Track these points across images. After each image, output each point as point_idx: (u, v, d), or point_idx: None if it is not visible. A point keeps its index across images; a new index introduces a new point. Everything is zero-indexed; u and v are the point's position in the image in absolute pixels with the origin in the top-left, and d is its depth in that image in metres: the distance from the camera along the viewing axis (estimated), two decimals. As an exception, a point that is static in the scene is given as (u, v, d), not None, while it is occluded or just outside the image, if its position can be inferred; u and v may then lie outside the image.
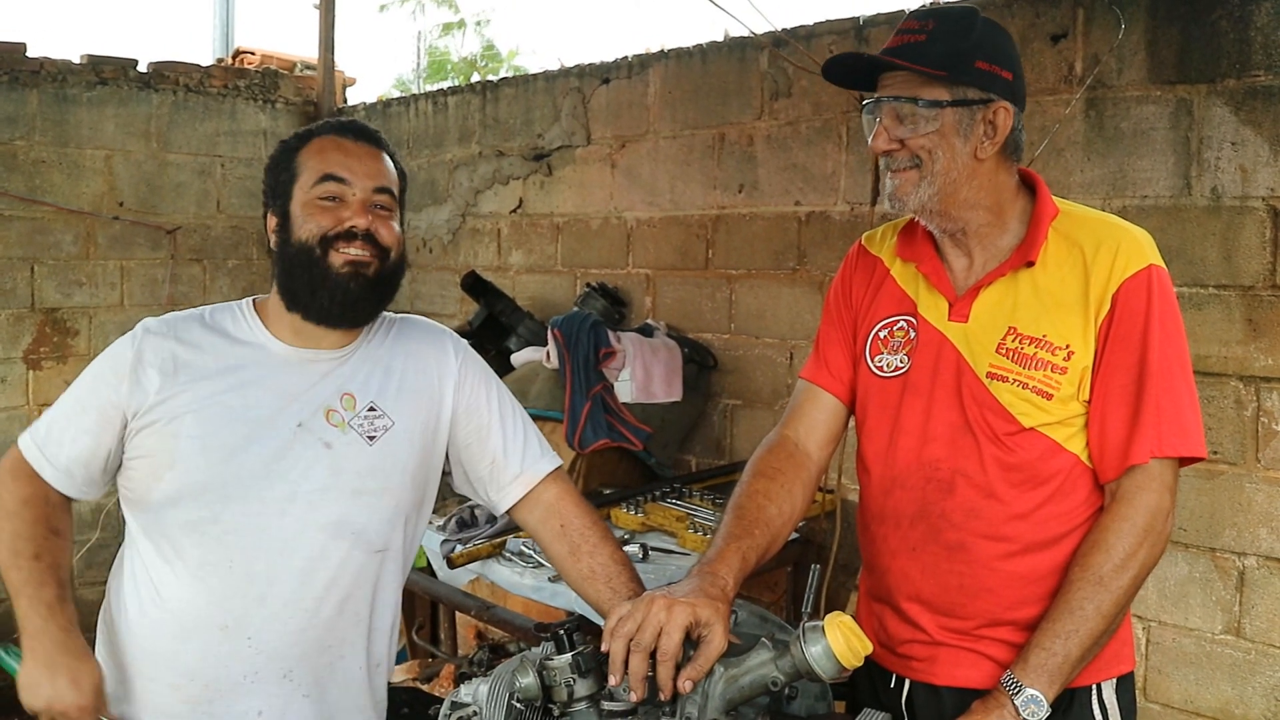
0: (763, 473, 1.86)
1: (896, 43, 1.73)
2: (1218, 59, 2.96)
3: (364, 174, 1.80)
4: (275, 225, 1.82)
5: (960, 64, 1.68)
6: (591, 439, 3.81)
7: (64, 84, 5.33)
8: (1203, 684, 3.05)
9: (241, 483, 1.73)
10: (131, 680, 1.79)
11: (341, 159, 1.80)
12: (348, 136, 1.83)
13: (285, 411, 1.78)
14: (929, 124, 1.69)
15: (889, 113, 1.72)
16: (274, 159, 1.85)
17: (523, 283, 5.15)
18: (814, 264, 3.96)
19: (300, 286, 1.79)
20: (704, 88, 4.33)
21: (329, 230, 1.76)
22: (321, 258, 1.76)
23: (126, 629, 1.80)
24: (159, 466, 1.74)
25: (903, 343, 1.84)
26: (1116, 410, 1.66)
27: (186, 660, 1.74)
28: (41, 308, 5.32)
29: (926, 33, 1.70)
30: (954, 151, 1.71)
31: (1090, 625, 1.60)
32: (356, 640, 1.86)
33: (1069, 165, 3.26)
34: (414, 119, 5.74)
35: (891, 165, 1.75)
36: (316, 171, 1.79)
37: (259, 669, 1.76)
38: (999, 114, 1.71)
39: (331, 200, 1.78)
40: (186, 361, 1.78)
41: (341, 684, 1.85)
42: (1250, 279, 2.92)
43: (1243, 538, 2.97)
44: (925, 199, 1.73)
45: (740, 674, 1.48)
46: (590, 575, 1.86)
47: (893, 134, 1.72)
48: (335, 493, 1.78)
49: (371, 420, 1.83)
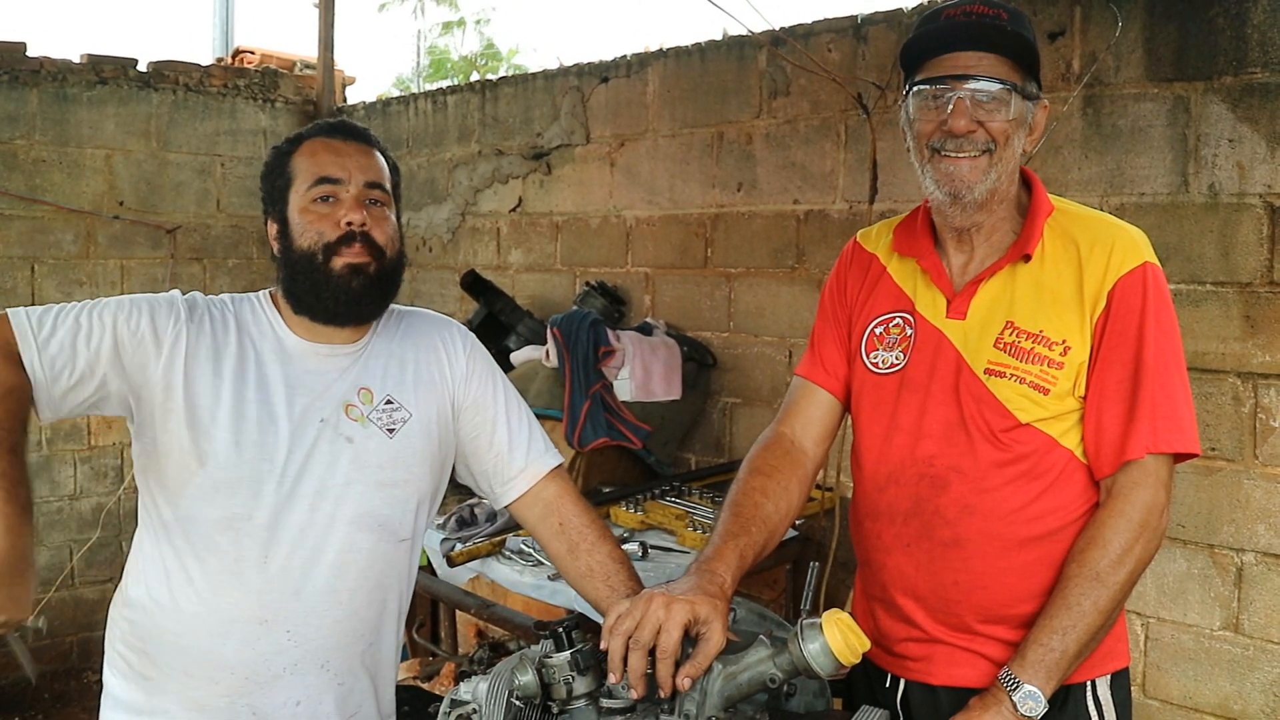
0: (759, 470, 1.86)
1: (973, 20, 1.68)
2: (1215, 56, 2.97)
3: (355, 169, 1.82)
4: (276, 232, 1.85)
5: (1034, 56, 1.70)
6: (591, 437, 3.81)
7: (64, 83, 5.33)
8: (1201, 680, 3.06)
9: (274, 480, 1.75)
10: (167, 674, 1.78)
11: (333, 159, 1.82)
12: (337, 136, 1.86)
13: (311, 409, 1.80)
14: (1010, 110, 1.69)
15: (968, 93, 1.69)
16: (269, 165, 1.87)
17: (522, 281, 5.16)
18: (812, 262, 3.97)
19: (304, 291, 1.81)
20: (703, 86, 4.34)
21: (330, 238, 1.78)
22: (324, 264, 1.78)
23: (157, 623, 1.78)
24: (191, 462, 1.74)
25: (899, 339, 1.84)
26: (1112, 406, 1.67)
27: (226, 655, 1.75)
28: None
29: (1005, 16, 1.68)
30: (1017, 143, 1.72)
31: (1087, 621, 1.60)
32: (386, 626, 1.91)
33: (1067, 162, 3.26)
34: (413, 118, 5.74)
35: (961, 148, 1.70)
36: (310, 175, 1.81)
37: (297, 660, 1.78)
38: (1041, 113, 1.74)
39: (327, 200, 1.80)
40: (216, 345, 1.80)
41: (373, 670, 1.90)
42: (1248, 275, 2.93)
43: (1241, 534, 2.97)
44: (993, 184, 1.71)
45: (739, 671, 1.48)
46: (589, 573, 1.88)
47: (974, 115, 1.69)
48: (360, 486, 1.81)
49: (390, 413, 1.86)
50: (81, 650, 5.57)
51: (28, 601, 1.59)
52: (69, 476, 5.42)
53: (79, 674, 5.52)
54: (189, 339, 1.77)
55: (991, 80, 1.67)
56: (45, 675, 5.44)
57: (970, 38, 1.68)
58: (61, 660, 5.51)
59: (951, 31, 1.70)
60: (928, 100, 1.72)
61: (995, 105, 1.68)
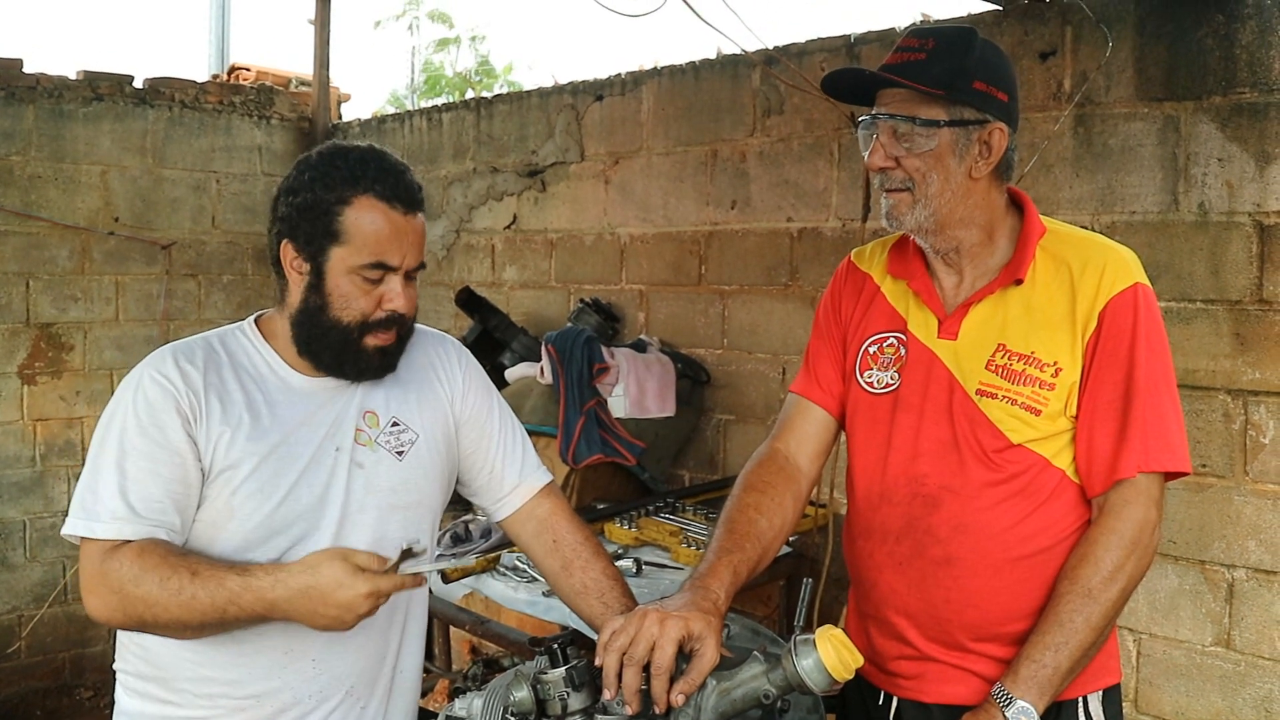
0: (754, 486, 1.87)
1: (896, 60, 1.74)
2: (1204, 76, 2.99)
3: (410, 249, 1.74)
4: (304, 271, 1.74)
5: (959, 84, 1.70)
6: (585, 454, 3.82)
7: (60, 100, 5.34)
8: (1193, 695, 3.07)
9: (300, 519, 1.73)
10: (190, 700, 1.74)
11: (392, 239, 1.71)
12: (398, 207, 1.72)
13: (326, 441, 1.77)
14: (926, 142, 1.71)
15: (886, 130, 1.73)
16: (310, 203, 1.71)
17: (517, 298, 5.17)
18: (806, 279, 3.99)
19: (322, 350, 1.76)
20: (697, 105, 4.36)
21: (371, 319, 1.73)
22: (357, 340, 1.74)
23: (174, 652, 1.73)
24: (219, 518, 1.70)
25: (893, 359, 1.85)
26: (1104, 426, 1.68)
27: (251, 684, 1.73)
28: (36, 323, 5.32)
29: (926, 51, 1.71)
30: (948, 172, 1.72)
31: (1080, 637, 1.61)
32: (406, 648, 1.91)
33: (1058, 181, 3.28)
34: (409, 135, 5.76)
35: (886, 184, 1.76)
36: (367, 253, 1.70)
37: (322, 687, 1.77)
38: (994, 135, 1.73)
39: (376, 282, 1.73)
40: (224, 401, 1.72)
41: (396, 693, 1.90)
42: (1237, 293, 2.95)
43: (1232, 550, 2.98)
44: (921, 219, 1.75)
45: (733, 687, 1.49)
46: (583, 590, 1.88)
47: (889, 151, 1.73)
48: (375, 511, 1.80)
49: (397, 435, 1.84)
50: (74, 667, 5.55)
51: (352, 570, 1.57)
52: (62, 492, 5.40)
53: (71, 691, 5.50)
54: (200, 413, 1.69)
55: (896, 117, 1.72)
56: (38, 692, 5.42)
57: (890, 75, 1.72)
58: (54, 677, 5.48)
59: (875, 73, 1.75)
60: (862, 139, 1.79)
61: (910, 140, 1.72)
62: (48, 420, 5.38)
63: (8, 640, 5.33)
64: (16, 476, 5.31)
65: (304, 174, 1.74)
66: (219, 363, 1.76)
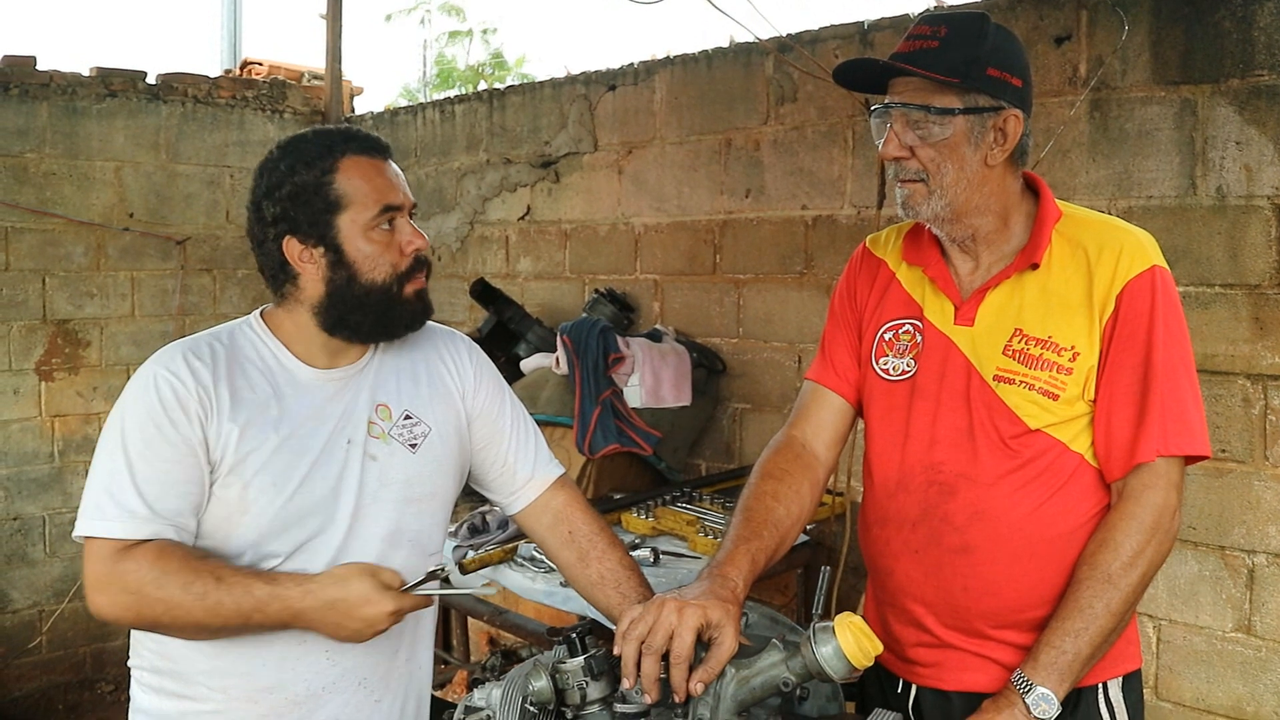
0: (770, 474, 1.86)
1: (908, 48, 1.72)
2: (1221, 59, 2.97)
3: (406, 191, 1.80)
4: (324, 259, 1.74)
5: (972, 71, 1.68)
6: (601, 444, 3.82)
7: (73, 96, 5.36)
8: (1214, 682, 3.05)
9: (315, 512, 1.73)
10: (204, 694, 1.74)
11: (387, 183, 1.76)
12: (377, 156, 1.77)
13: (337, 433, 1.77)
14: (940, 131, 1.69)
15: (899, 119, 1.72)
16: (298, 188, 1.72)
17: (531, 289, 5.17)
18: (821, 268, 3.97)
19: (367, 321, 1.77)
20: (710, 93, 4.35)
21: (402, 268, 1.76)
22: (398, 293, 1.77)
23: (189, 645, 1.73)
24: (233, 513, 1.70)
25: (909, 346, 1.84)
26: (1122, 410, 1.67)
27: (265, 676, 1.74)
28: (53, 319, 5.35)
29: (939, 39, 1.69)
30: (963, 161, 1.71)
31: (1100, 623, 1.61)
32: (419, 640, 1.93)
33: (1074, 167, 3.26)
34: (421, 128, 5.76)
35: (900, 174, 1.75)
36: (373, 202, 1.73)
37: (336, 680, 1.78)
38: (1009, 122, 1.71)
39: (389, 228, 1.76)
40: (234, 397, 1.72)
41: (409, 684, 1.91)
42: (1256, 278, 2.93)
43: (1252, 535, 2.97)
44: (937, 209, 1.74)
45: (752, 675, 1.49)
46: (599, 581, 1.88)
47: (903, 140, 1.72)
48: (388, 503, 1.80)
49: (410, 428, 1.85)
50: (95, 661, 5.58)
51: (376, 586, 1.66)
52: (80, 488, 5.38)
53: (92, 685, 5.53)
54: (211, 409, 1.69)
55: (909, 106, 1.71)
56: (59, 686, 5.45)
57: (903, 64, 1.71)
58: (75, 672, 5.52)
59: (888, 62, 1.73)
60: (875, 128, 1.78)
61: (924, 128, 1.70)
62: (65, 416, 5.41)
63: (29, 635, 5.37)
64: (35, 473, 5.35)
65: (276, 170, 1.75)
66: (227, 358, 1.76)
